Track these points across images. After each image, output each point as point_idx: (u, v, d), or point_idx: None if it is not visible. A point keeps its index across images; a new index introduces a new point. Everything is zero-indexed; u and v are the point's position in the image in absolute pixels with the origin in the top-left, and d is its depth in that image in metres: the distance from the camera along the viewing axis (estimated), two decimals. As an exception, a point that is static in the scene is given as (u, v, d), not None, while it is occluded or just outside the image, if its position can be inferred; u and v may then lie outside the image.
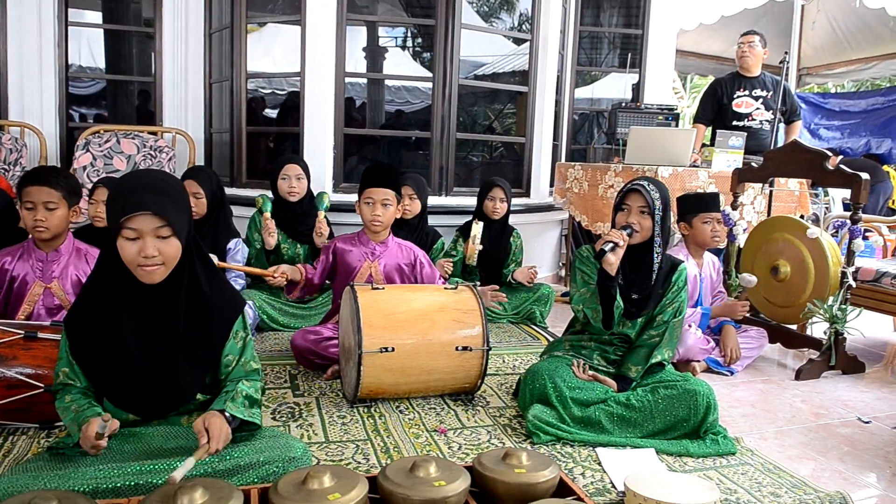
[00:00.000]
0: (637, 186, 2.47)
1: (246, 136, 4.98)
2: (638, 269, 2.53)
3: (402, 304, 2.61)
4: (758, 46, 4.84)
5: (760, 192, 4.14)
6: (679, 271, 2.57)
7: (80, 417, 1.64)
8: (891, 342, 4.13)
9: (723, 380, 3.15)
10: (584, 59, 6.46)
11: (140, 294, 1.72)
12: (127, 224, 1.62)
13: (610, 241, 2.38)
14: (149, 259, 1.64)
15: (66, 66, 5.09)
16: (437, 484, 1.50)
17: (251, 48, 4.99)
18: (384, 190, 2.91)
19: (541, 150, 5.35)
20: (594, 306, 2.50)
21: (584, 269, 2.57)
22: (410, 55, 9.75)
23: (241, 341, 1.88)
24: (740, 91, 4.91)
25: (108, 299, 1.72)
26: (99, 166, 4.63)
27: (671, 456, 2.27)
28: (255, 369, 1.89)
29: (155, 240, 1.64)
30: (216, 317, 1.82)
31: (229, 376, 1.85)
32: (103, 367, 1.72)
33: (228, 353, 1.85)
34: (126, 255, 1.65)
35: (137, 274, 1.68)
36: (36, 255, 2.48)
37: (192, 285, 1.77)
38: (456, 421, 2.50)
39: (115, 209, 1.64)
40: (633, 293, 2.52)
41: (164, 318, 1.73)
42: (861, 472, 2.26)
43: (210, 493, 1.37)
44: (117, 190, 1.69)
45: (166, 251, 1.67)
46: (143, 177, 1.74)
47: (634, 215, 2.47)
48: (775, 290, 3.50)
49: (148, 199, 1.63)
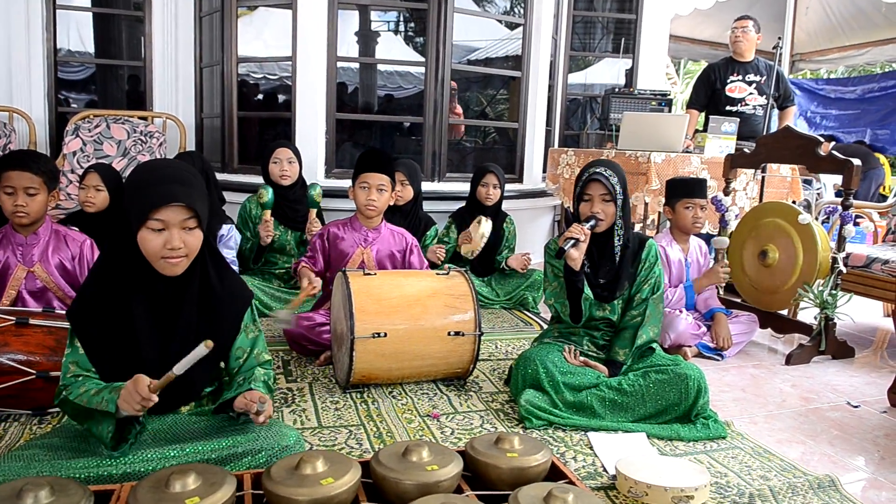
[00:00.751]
0: (596, 176, 2.46)
1: (237, 121, 4.95)
2: (603, 253, 2.55)
3: (395, 290, 2.61)
4: (751, 31, 4.83)
5: (753, 177, 4.14)
6: (648, 247, 2.58)
7: (112, 388, 1.57)
8: (880, 327, 4.16)
9: (713, 364, 3.17)
10: (578, 44, 6.43)
11: (153, 286, 1.69)
12: (155, 215, 1.58)
13: (570, 237, 2.39)
14: (175, 251, 1.61)
15: (55, 51, 5.04)
16: (430, 468, 1.50)
17: (242, 32, 4.94)
18: (380, 175, 2.90)
19: (534, 135, 5.34)
20: (563, 300, 2.53)
21: (553, 263, 2.58)
22: (403, 40, 9.68)
23: (252, 333, 1.87)
24: (734, 76, 4.90)
25: (120, 291, 1.68)
26: (89, 151, 4.60)
27: (662, 440, 2.28)
28: (267, 360, 1.89)
29: (181, 231, 1.62)
30: (226, 310, 1.80)
31: (241, 368, 1.84)
32: (113, 360, 1.68)
33: (239, 345, 1.84)
34: (149, 247, 1.61)
35: (159, 266, 1.65)
36: (15, 240, 2.46)
37: (204, 278, 1.75)
38: (448, 406, 2.50)
39: (141, 200, 1.60)
40: (600, 277, 2.54)
41: (178, 311, 1.71)
42: (850, 455, 2.28)
43: (203, 479, 1.38)
44: (142, 180, 1.64)
45: (191, 243, 1.64)
46: (168, 167, 1.69)
47: (598, 204, 2.47)
48: (762, 276, 3.51)
49: (178, 190, 1.60)
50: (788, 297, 3.38)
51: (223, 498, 1.34)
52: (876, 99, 8.99)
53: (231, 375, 1.85)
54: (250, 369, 1.84)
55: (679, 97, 10.26)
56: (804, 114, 9.94)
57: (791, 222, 3.36)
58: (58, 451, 1.62)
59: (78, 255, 2.54)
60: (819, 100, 9.93)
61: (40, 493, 1.29)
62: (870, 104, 9.09)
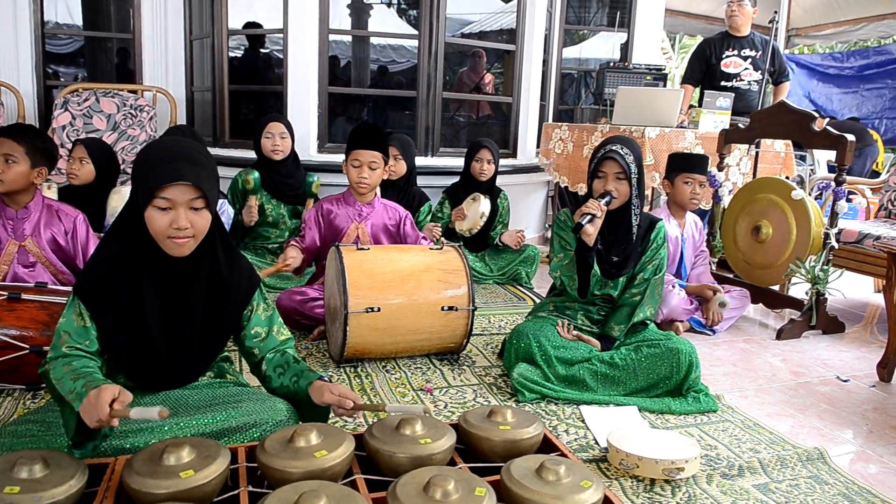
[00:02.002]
0: (611, 154, 2.45)
1: (228, 95, 4.90)
2: (616, 231, 2.54)
3: (388, 265, 2.61)
4: (747, 6, 4.79)
5: (746, 153, 4.14)
6: (657, 229, 2.58)
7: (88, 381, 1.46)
8: (871, 303, 4.19)
9: (705, 339, 3.19)
10: (573, 17, 6.36)
11: (161, 267, 1.66)
12: (161, 194, 1.55)
13: (588, 213, 2.38)
14: (181, 231, 1.58)
15: (42, 23, 4.95)
16: (423, 441, 1.51)
17: (232, 4, 4.86)
18: (371, 152, 2.87)
19: (528, 110, 5.31)
20: (570, 274, 2.52)
21: (562, 235, 2.58)
22: (396, 12, 9.55)
23: (266, 312, 1.85)
24: (729, 51, 4.87)
25: (129, 270, 1.64)
26: (78, 126, 4.55)
27: (653, 413, 2.30)
28: (288, 336, 1.88)
29: (188, 211, 1.58)
30: (234, 293, 1.77)
31: (264, 347, 1.83)
32: (120, 339, 1.65)
33: (255, 325, 1.82)
34: (156, 226, 1.58)
35: (166, 246, 1.61)
36: (6, 214, 2.44)
37: (212, 261, 1.72)
38: (442, 380, 2.52)
39: (148, 178, 1.56)
40: (612, 255, 2.53)
41: (187, 293, 1.68)
42: (838, 428, 2.31)
43: (197, 452, 1.38)
44: (150, 158, 1.60)
45: (198, 223, 1.61)
46: (176, 146, 1.64)
47: (612, 182, 2.46)
48: (755, 251, 3.53)
49: (186, 168, 1.56)
50: (781, 273, 3.40)
51: (217, 471, 1.34)
52: (875, 77, 8.97)
53: (255, 355, 1.84)
54: (274, 348, 1.83)
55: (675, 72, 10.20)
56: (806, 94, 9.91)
57: (784, 198, 3.37)
58: (51, 426, 1.61)
59: (71, 229, 2.52)
60: (818, 76, 9.89)
61: (34, 467, 1.29)
62: (869, 82, 9.07)
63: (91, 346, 1.63)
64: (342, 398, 1.64)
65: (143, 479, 1.29)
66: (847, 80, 9.62)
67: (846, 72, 9.53)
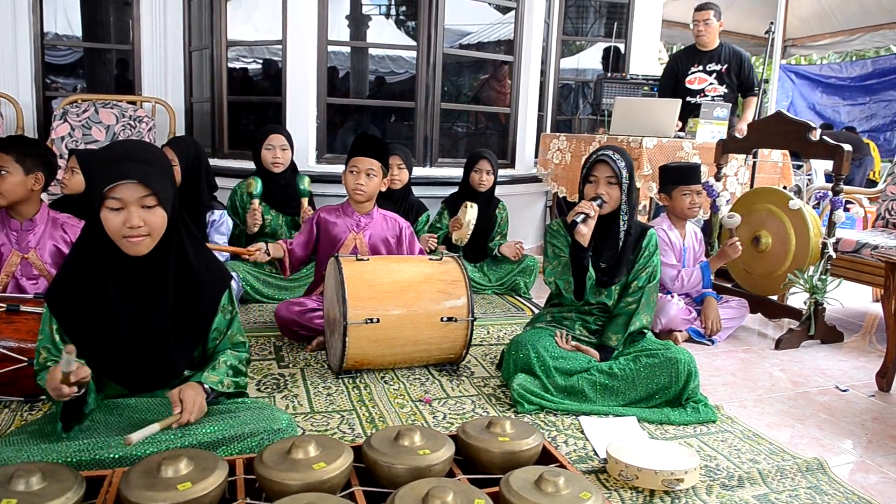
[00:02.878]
0: (603, 157, 2.48)
1: (227, 106, 4.91)
2: (606, 238, 2.55)
3: (387, 275, 2.61)
4: (714, 22, 4.71)
5: (744, 163, 4.15)
6: (648, 236, 2.59)
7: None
8: (869, 312, 4.19)
9: (704, 349, 3.19)
10: (570, 28, 6.39)
11: (128, 267, 1.68)
12: (110, 194, 1.58)
13: (581, 212, 2.41)
14: (134, 230, 1.60)
15: (42, 34, 4.97)
16: (422, 452, 1.51)
17: (231, 15, 4.89)
18: (370, 160, 2.88)
19: (526, 120, 5.33)
20: (566, 277, 2.54)
21: (554, 243, 2.59)
22: (394, 24, 9.60)
23: (229, 314, 1.87)
24: (695, 66, 4.83)
25: (95, 273, 1.68)
26: (77, 136, 4.55)
27: (653, 424, 2.30)
28: (241, 342, 1.89)
29: (140, 210, 1.60)
30: (204, 290, 1.80)
31: (217, 348, 1.86)
32: (92, 342, 1.68)
33: (216, 327, 1.84)
34: (110, 227, 1.61)
35: (123, 246, 1.64)
36: (10, 225, 2.44)
37: (179, 258, 1.74)
38: (441, 391, 2.51)
39: (98, 179, 1.59)
40: (602, 261, 2.55)
41: (153, 291, 1.71)
42: (838, 438, 2.30)
43: (195, 464, 1.38)
44: (98, 159, 1.63)
45: (152, 221, 1.63)
46: (124, 145, 1.69)
47: (603, 186, 2.48)
48: (755, 261, 3.54)
49: (132, 167, 1.58)
50: (782, 282, 3.40)
51: (215, 483, 1.34)
52: (879, 88, 9.03)
53: (208, 357, 1.86)
54: (223, 350, 1.85)
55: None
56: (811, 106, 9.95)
57: (783, 208, 3.38)
58: (49, 437, 1.61)
59: (75, 241, 2.52)
60: (821, 87, 9.95)
61: (31, 479, 1.29)
62: (874, 93, 9.12)
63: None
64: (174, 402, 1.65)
65: (140, 492, 1.29)
66: (851, 90, 9.67)
67: (847, 82, 9.58)
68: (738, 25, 9.52)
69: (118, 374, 1.75)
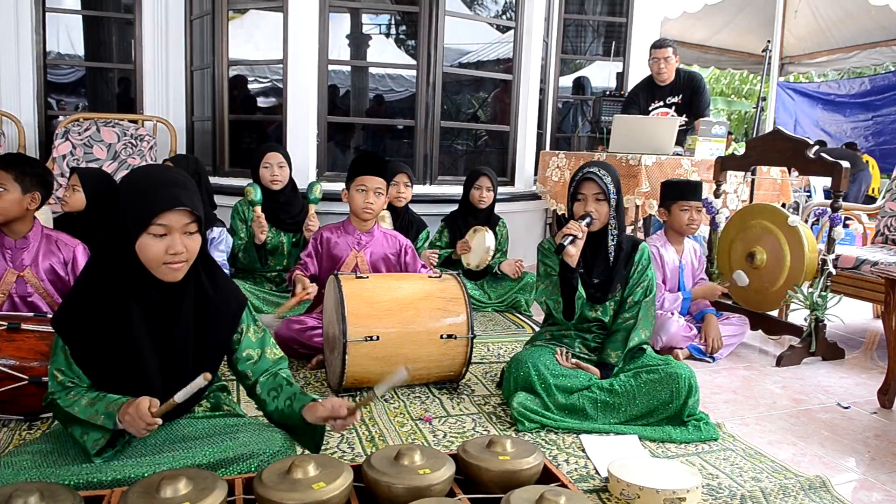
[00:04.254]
0: (589, 175, 2.48)
1: (228, 124, 4.94)
2: (597, 254, 2.56)
3: (387, 293, 2.61)
4: (672, 59, 4.76)
5: (743, 180, 4.16)
6: (640, 250, 2.59)
7: (108, 402, 1.57)
8: (870, 329, 4.18)
9: (705, 366, 3.18)
10: (569, 47, 6.44)
11: (148, 293, 1.65)
12: (158, 220, 1.56)
13: (569, 234, 2.40)
14: (176, 256, 1.59)
15: (45, 54, 5.01)
16: (422, 472, 1.50)
17: (232, 35, 4.93)
18: (377, 178, 2.90)
19: (525, 138, 5.35)
20: (555, 297, 2.53)
21: (546, 262, 2.60)
22: (394, 43, 9.67)
23: (257, 334, 1.85)
24: (655, 102, 4.89)
25: (113, 299, 1.64)
26: (79, 155, 4.57)
27: (654, 442, 2.29)
28: (280, 356, 1.88)
29: (182, 236, 1.60)
30: (222, 314, 1.77)
31: (256, 369, 1.82)
32: (108, 366, 1.65)
33: (246, 347, 1.82)
34: (151, 253, 1.58)
35: (160, 272, 1.61)
36: (4, 243, 2.43)
37: (197, 284, 1.72)
38: (441, 409, 2.50)
39: (142, 205, 1.57)
40: (594, 277, 2.55)
41: (173, 319, 1.68)
42: (840, 456, 2.29)
43: (194, 483, 1.37)
44: (141, 185, 1.60)
45: (191, 247, 1.62)
46: (166, 171, 1.66)
47: (591, 203, 2.48)
48: (750, 277, 3.53)
49: (182, 194, 1.58)
50: (777, 299, 3.40)
51: (214, 503, 1.33)
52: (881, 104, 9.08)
53: (249, 378, 1.83)
54: (266, 371, 1.82)
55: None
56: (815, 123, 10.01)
57: (778, 224, 3.38)
58: (48, 457, 1.60)
59: (70, 259, 2.51)
60: (821, 103, 10.01)
61: (30, 499, 1.28)
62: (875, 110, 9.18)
63: (83, 380, 1.66)
64: (335, 409, 1.65)
65: (139, 512, 1.28)
66: (852, 107, 9.73)
67: (847, 98, 9.64)
68: (736, 44, 9.62)
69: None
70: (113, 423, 1.53)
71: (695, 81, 4.84)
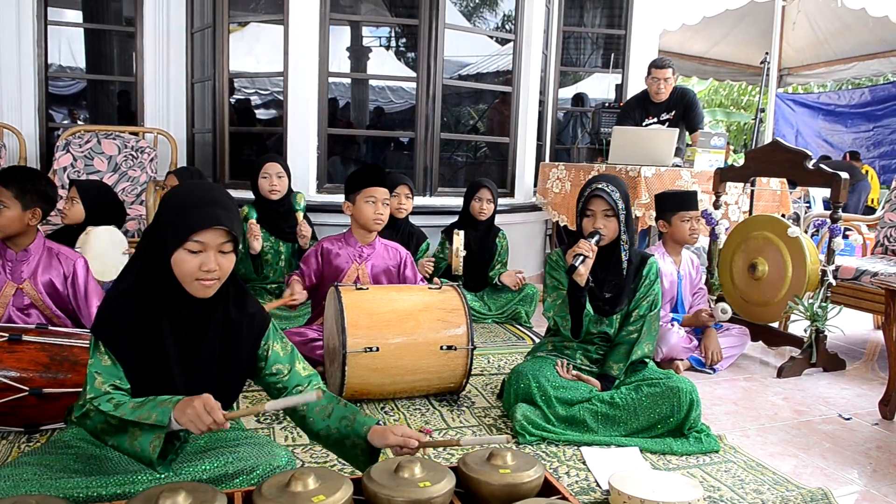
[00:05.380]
0: (598, 192, 2.48)
1: (229, 137, 4.95)
2: (607, 268, 2.55)
3: (387, 304, 2.61)
4: (671, 79, 4.81)
5: (742, 191, 4.17)
6: (649, 265, 2.59)
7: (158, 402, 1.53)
8: (871, 339, 4.18)
9: (706, 378, 3.18)
10: (568, 59, 6.47)
11: (177, 309, 1.66)
12: (195, 237, 1.57)
13: (580, 253, 2.40)
14: (210, 273, 1.60)
15: (46, 66, 5.03)
16: (422, 485, 1.49)
17: (233, 48, 4.95)
18: (384, 190, 2.94)
19: (525, 149, 5.36)
20: (563, 314, 2.52)
21: (554, 275, 2.59)
22: (394, 55, 9.73)
23: (285, 349, 1.84)
24: (649, 118, 4.92)
25: (148, 312, 1.64)
26: (79, 167, 4.58)
27: (655, 454, 2.28)
28: (313, 372, 1.87)
29: (217, 254, 1.61)
30: (245, 333, 1.77)
31: (288, 383, 1.81)
32: (142, 379, 1.65)
33: (274, 363, 1.81)
34: (186, 268, 1.59)
35: (192, 287, 1.62)
36: (6, 256, 2.44)
37: (224, 303, 1.73)
38: (441, 421, 2.49)
39: (182, 221, 1.58)
40: (605, 291, 2.54)
41: (201, 335, 1.69)
42: (842, 468, 2.28)
43: (193, 497, 1.36)
44: (184, 202, 1.62)
45: (225, 266, 1.63)
46: (211, 190, 1.68)
47: (600, 220, 2.48)
48: (752, 289, 3.53)
49: (221, 213, 1.59)
50: (779, 310, 3.40)
51: (214, 516, 1.33)
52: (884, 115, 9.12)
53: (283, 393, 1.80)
54: (298, 385, 1.81)
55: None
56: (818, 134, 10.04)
57: (779, 235, 3.38)
58: (47, 470, 1.59)
59: (70, 273, 2.51)
60: (822, 114, 10.04)
61: (28, 513, 1.28)
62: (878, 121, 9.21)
63: (123, 383, 1.63)
64: (406, 438, 1.64)
65: (138, 526, 1.28)
66: (853, 117, 9.76)
67: (846, 109, 9.67)
68: (734, 55, 9.66)
69: None
70: (168, 420, 1.49)
71: (687, 97, 4.88)
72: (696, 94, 5.12)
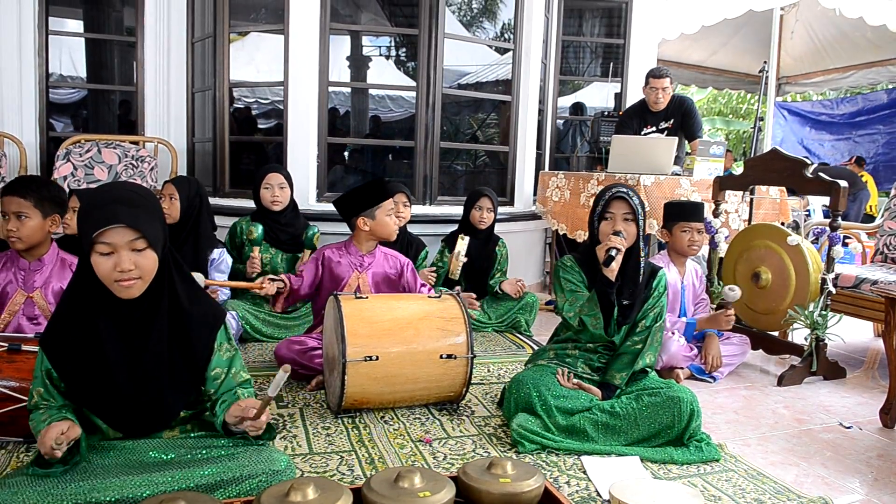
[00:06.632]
0: (621, 194, 2.49)
1: (229, 146, 4.96)
2: (624, 274, 2.54)
3: (387, 313, 2.61)
4: (669, 88, 4.83)
5: (742, 199, 4.18)
6: (659, 277, 2.59)
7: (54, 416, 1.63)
8: (871, 347, 4.18)
9: (706, 386, 3.17)
10: (567, 68, 6.50)
11: (119, 309, 1.68)
12: (100, 238, 1.58)
13: (615, 247, 2.40)
14: (125, 273, 1.60)
15: (47, 75, 5.04)
16: (422, 495, 1.49)
17: (234, 57, 4.97)
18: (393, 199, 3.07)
19: (524, 158, 5.37)
20: (594, 312, 2.49)
21: (568, 278, 2.59)
22: (394, 64, 9.76)
23: (228, 353, 1.86)
24: (647, 127, 4.94)
25: (87, 316, 1.67)
26: (80, 176, 4.59)
27: (656, 463, 2.27)
28: (246, 379, 1.88)
29: (130, 253, 1.61)
30: (197, 331, 1.78)
31: (220, 389, 1.83)
32: (85, 386, 1.68)
33: (215, 366, 1.82)
34: (101, 271, 1.61)
35: (114, 289, 1.64)
36: (19, 265, 2.46)
37: (171, 299, 1.74)
38: (441, 431, 2.49)
39: (87, 224, 1.60)
40: (623, 299, 2.53)
41: (146, 334, 1.70)
42: (843, 476, 2.28)
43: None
44: (88, 204, 1.64)
45: (142, 264, 1.63)
46: (112, 189, 1.70)
47: (620, 223, 2.48)
48: (757, 297, 3.54)
49: (120, 211, 1.59)
50: (783, 317, 3.40)
51: (213, 527, 1.32)
52: (867, 122, 9.12)
53: (211, 398, 1.84)
54: (230, 390, 1.83)
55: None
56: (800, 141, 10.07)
57: (781, 244, 3.39)
58: (45, 479, 1.59)
59: None
60: (811, 123, 10.07)
61: (27, 524, 1.27)
62: (861, 128, 9.23)
63: (56, 399, 1.69)
64: (245, 409, 1.68)
65: (137, 537, 1.27)
66: (839, 126, 9.79)
67: (837, 118, 9.70)
68: (733, 64, 9.70)
69: (113, 417, 1.74)
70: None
71: (685, 105, 4.90)
72: (695, 102, 5.14)
